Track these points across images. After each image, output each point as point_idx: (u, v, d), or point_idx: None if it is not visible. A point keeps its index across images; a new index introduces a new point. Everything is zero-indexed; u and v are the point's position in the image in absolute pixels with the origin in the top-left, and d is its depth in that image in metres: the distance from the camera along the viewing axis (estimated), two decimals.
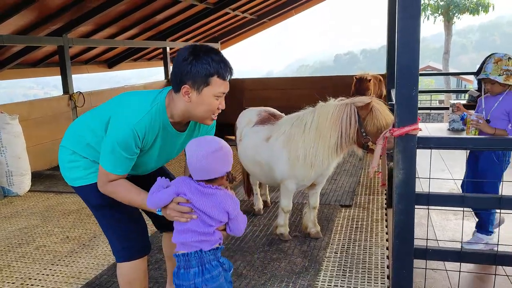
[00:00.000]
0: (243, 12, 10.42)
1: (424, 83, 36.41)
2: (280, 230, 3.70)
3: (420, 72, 2.29)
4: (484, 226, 3.41)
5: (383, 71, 9.30)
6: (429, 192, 2.47)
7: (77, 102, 7.17)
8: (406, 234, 2.39)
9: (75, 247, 3.75)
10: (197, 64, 1.94)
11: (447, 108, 10.38)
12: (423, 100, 22.03)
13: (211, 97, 2.00)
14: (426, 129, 8.25)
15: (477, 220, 3.51)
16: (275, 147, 3.50)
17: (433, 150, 2.40)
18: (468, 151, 3.50)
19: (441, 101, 22.74)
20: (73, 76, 7.38)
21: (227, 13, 9.80)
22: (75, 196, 5.11)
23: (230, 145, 2.20)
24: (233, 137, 4.39)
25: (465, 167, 3.54)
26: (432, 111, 19.09)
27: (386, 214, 4.17)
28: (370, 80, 6.88)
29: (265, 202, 4.51)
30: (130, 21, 7.91)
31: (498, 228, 2.83)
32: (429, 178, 2.54)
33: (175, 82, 2.00)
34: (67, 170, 2.29)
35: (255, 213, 4.30)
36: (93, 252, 3.64)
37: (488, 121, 3.32)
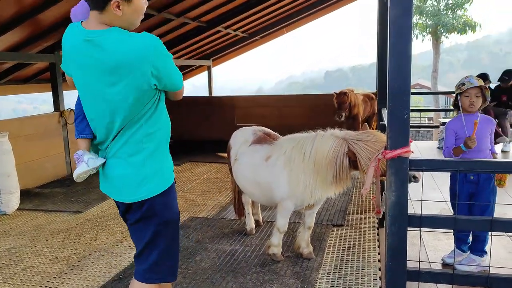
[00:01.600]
0: (235, 30, 10.52)
1: (413, 100, 36.79)
2: (273, 250, 3.68)
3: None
4: (478, 247, 3.42)
5: (373, 87, 9.42)
6: (421, 214, 2.48)
7: (68, 119, 7.13)
8: (399, 256, 2.39)
9: (64, 268, 3.68)
10: None
11: (437, 127, 10.51)
12: (412, 117, 22.26)
13: (142, 1, 2.03)
14: (416, 147, 8.32)
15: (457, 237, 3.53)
16: (275, 167, 3.51)
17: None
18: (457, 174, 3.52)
19: (430, 118, 23.00)
20: (64, 92, 7.37)
21: (219, 31, 9.88)
22: (64, 215, 5.05)
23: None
24: (224, 155, 4.37)
25: (456, 189, 3.54)
26: (422, 129, 19.30)
27: (378, 234, 4.17)
28: (346, 93, 7.63)
29: (257, 221, 4.48)
30: None
31: (490, 251, 2.85)
32: (421, 200, 2.56)
33: (98, 1, 1.94)
34: (149, 179, 2.10)
35: (247, 233, 4.27)
36: (83, 274, 3.57)
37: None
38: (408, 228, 2.40)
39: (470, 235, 3.54)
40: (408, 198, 2.37)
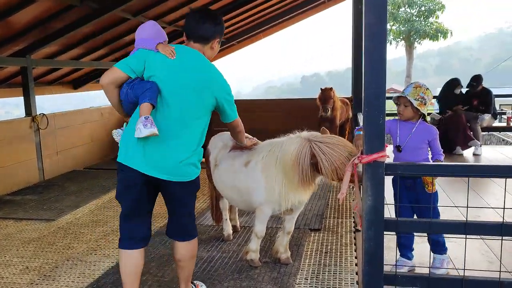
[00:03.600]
0: None
1: (387, 105, 37.39)
2: (251, 256, 3.65)
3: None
4: (438, 245, 3.44)
5: (349, 92, 9.52)
6: (397, 218, 2.51)
7: (40, 124, 6.95)
8: (375, 261, 2.41)
9: (35, 279, 3.56)
10: (223, 26, 2.85)
11: None
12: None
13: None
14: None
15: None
16: (254, 172, 3.48)
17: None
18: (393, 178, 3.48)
19: None
20: (37, 97, 7.18)
21: None
22: (36, 223, 4.90)
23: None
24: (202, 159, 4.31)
25: (395, 194, 3.46)
26: None
27: (354, 238, 4.20)
28: (331, 88, 7.85)
29: (234, 226, 4.45)
30: (97, 42, 7.80)
31: (464, 253, 2.89)
32: (397, 205, 2.59)
33: (204, 37, 2.76)
34: (197, 166, 2.81)
35: (224, 239, 4.23)
36: (55, 284, 3.46)
37: (399, 148, 3.39)
38: (385, 232, 2.42)
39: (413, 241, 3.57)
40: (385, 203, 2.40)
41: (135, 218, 2.78)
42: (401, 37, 23.74)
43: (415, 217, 3.46)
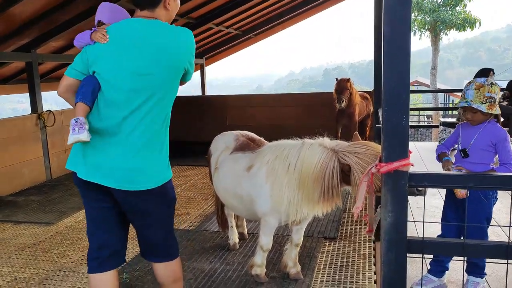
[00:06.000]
0: (227, 27, 10.11)
1: (412, 98, 36.36)
2: (256, 271, 3.28)
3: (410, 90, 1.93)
4: (477, 268, 3.00)
5: (372, 85, 9.00)
6: (423, 238, 2.10)
7: (46, 121, 6.73)
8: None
9: None
10: None
11: (436, 126, 10.12)
12: (410, 115, 21.73)
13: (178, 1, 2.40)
14: (415, 148, 7.93)
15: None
16: (257, 178, 3.09)
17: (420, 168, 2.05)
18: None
19: (429, 116, 22.60)
20: (42, 93, 6.96)
21: (210, 28, 9.48)
22: (34, 227, 4.65)
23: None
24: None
25: (444, 206, 3.13)
26: (421, 128, 18.96)
27: (374, 249, 3.78)
28: (348, 79, 7.48)
29: (241, 234, 4.09)
30: None
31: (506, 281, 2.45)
32: (423, 222, 2.17)
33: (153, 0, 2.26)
34: (168, 169, 2.42)
35: (230, 248, 3.87)
36: None
37: (465, 151, 2.93)
38: (408, 255, 2.02)
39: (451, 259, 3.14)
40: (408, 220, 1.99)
41: (101, 227, 2.36)
42: (426, 28, 22.83)
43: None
